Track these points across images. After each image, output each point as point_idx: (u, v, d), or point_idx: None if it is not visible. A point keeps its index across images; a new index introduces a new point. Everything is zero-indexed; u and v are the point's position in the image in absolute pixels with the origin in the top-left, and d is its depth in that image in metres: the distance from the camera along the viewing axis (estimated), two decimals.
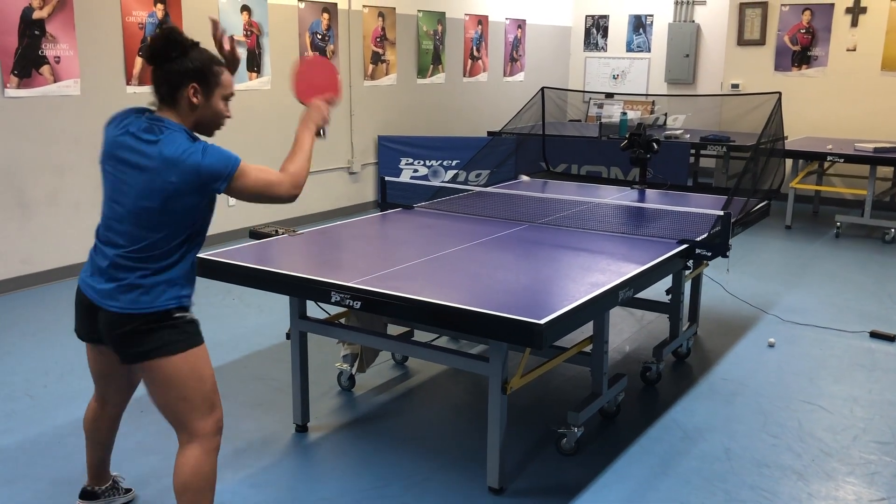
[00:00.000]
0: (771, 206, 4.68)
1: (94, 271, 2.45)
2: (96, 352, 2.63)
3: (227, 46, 2.59)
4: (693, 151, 8.71)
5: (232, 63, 2.60)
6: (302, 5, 7.52)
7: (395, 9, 8.56)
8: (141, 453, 3.33)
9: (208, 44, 2.55)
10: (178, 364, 2.41)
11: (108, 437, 2.85)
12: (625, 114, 8.55)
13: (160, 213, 2.34)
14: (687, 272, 4.33)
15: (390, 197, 4.53)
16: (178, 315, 2.41)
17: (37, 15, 5.49)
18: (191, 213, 2.39)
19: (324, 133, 2.78)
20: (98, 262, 2.44)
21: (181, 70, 2.38)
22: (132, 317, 2.37)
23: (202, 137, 2.46)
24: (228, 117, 2.53)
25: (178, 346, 2.41)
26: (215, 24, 2.60)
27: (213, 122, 2.50)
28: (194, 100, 2.41)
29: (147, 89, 2.56)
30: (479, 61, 10.01)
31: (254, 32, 7.07)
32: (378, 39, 8.42)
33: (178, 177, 2.30)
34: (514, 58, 10.65)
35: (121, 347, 2.43)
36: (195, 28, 6.49)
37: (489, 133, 8.56)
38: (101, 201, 2.48)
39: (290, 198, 2.53)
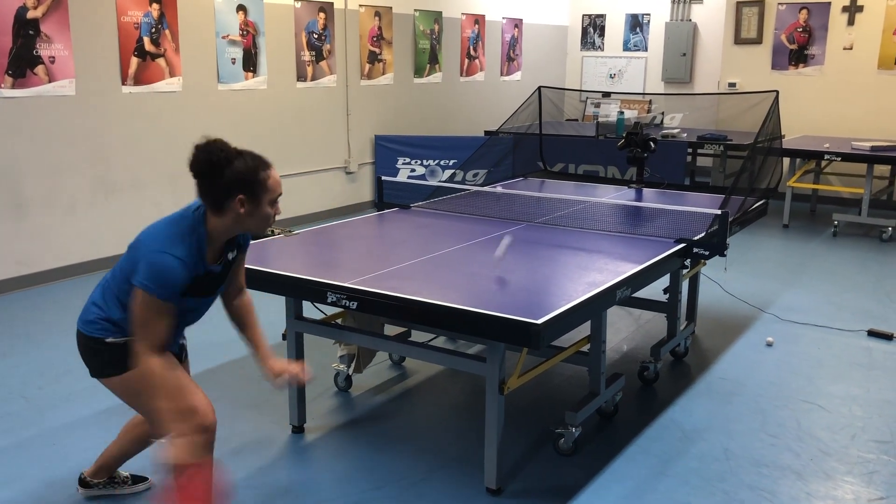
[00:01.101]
0: (768, 205, 4.68)
1: None
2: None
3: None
4: (690, 150, 8.70)
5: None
6: (298, 4, 7.50)
7: (391, 8, 8.55)
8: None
9: (205, 41, 2.52)
10: (123, 383, 2.53)
11: (136, 444, 2.93)
12: (622, 113, 8.55)
13: (122, 263, 2.49)
14: (684, 271, 4.33)
15: (387, 196, 4.52)
16: (108, 341, 2.50)
17: (31, 14, 5.46)
18: (124, 275, 2.46)
19: (165, 428, 2.52)
20: None
21: (226, 184, 2.35)
22: (79, 333, 2.55)
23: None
24: (279, 214, 2.52)
25: (113, 368, 2.51)
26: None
27: (261, 226, 2.48)
28: (241, 210, 2.39)
29: (142, 89, 2.55)
30: (476, 61, 10.00)
31: (250, 32, 7.05)
32: (374, 39, 8.40)
33: (138, 243, 2.43)
34: (510, 57, 10.64)
35: (84, 362, 2.59)
36: (191, 27, 6.50)
37: (486, 132, 8.55)
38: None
39: (135, 350, 2.42)
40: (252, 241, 3.68)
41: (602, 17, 11.61)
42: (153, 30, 6.23)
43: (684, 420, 3.70)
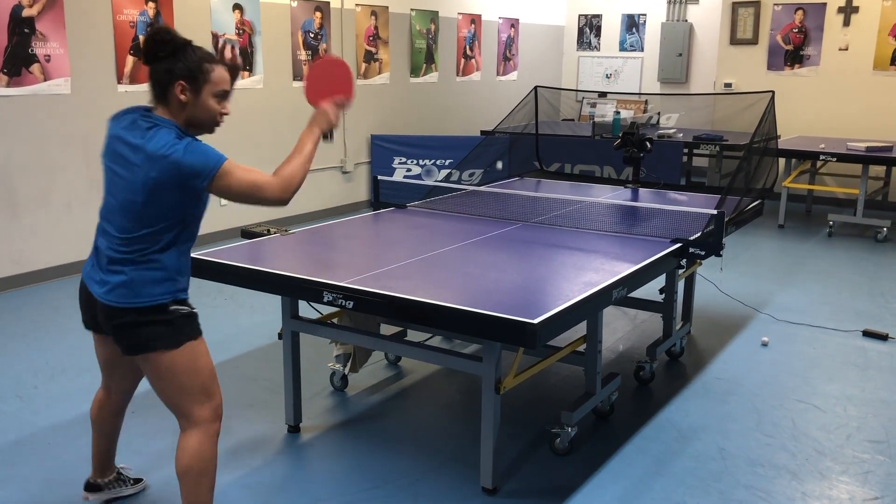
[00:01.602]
0: (764, 206, 4.68)
1: (94, 263, 2.51)
2: (102, 341, 2.67)
3: (227, 55, 2.62)
4: (686, 151, 8.71)
5: (233, 70, 2.60)
6: (294, 4, 7.49)
7: (387, 7, 8.54)
8: (145, 441, 3.30)
9: (202, 40, 2.55)
10: (173, 358, 2.46)
11: (113, 427, 2.88)
12: (618, 113, 8.55)
13: (145, 206, 2.37)
14: (680, 271, 4.33)
15: (383, 196, 4.51)
16: (172, 308, 2.45)
17: (26, 13, 5.45)
18: (176, 208, 2.40)
19: (331, 136, 2.73)
20: (97, 255, 2.51)
21: (168, 68, 2.40)
22: (126, 310, 2.41)
23: (201, 136, 2.48)
24: (225, 114, 2.53)
25: (172, 340, 2.45)
26: (218, 38, 2.62)
27: (207, 120, 2.50)
28: (182, 97, 2.42)
29: (138, 88, 2.56)
30: (473, 60, 10.00)
31: (246, 31, 7.04)
32: (371, 38, 8.40)
33: (158, 172, 2.33)
34: (507, 57, 10.64)
35: (119, 339, 2.48)
36: (187, 25, 6.48)
37: (482, 132, 8.55)
38: (103, 194, 2.53)
39: (279, 201, 2.50)
40: (247, 240, 3.68)
41: (598, 17, 11.62)
42: (149, 28, 6.22)
43: (680, 420, 3.71)
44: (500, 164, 5.53)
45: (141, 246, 2.40)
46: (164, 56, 2.39)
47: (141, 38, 4.07)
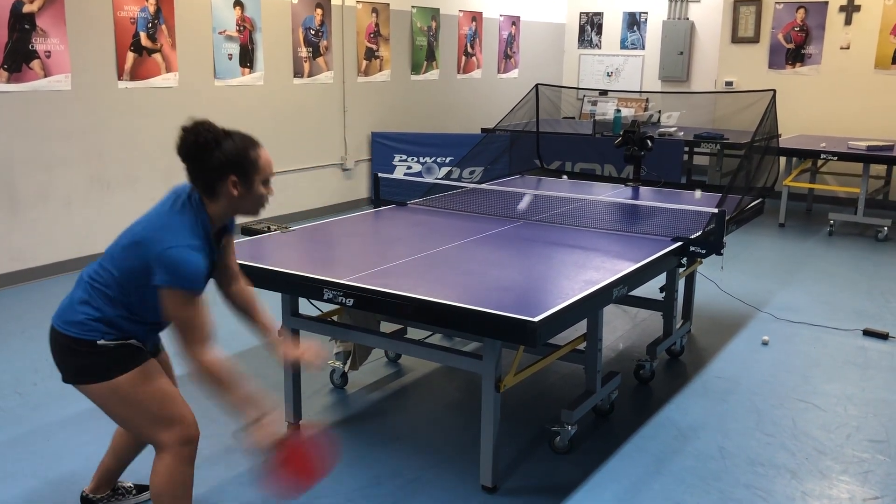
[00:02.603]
0: (765, 204, 4.68)
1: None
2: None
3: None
4: (687, 149, 8.70)
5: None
6: (295, 0, 7.48)
7: (388, 5, 8.53)
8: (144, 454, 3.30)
9: (203, 37, 2.51)
10: (105, 390, 2.38)
11: (128, 453, 2.83)
12: (619, 111, 8.54)
13: (120, 250, 2.35)
14: (681, 270, 4.33)
15: (384, 193, 4.51)
16: (100, 343, 2.36)
17: (27, 9, 5.44)
18: (131, 275, 2.32)
19: (241, 418, 2.38)
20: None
21: (216, 166, 2.29)
22: (60, 335, 2.38)
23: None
24: (272, 194, 2.44)
25: (99, 375, 2.37)
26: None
27: (255, 207, 2.42)
28: (234, 192, 2.33)
29: (138, 84, 2.52)
30: (473, 58, 9.99)
31: (246, 28, 7.03)
32: (372, 35, 8.39)
33: (146, 240, 2.29)
34: (508, 54, 10.63)
35: (57, 364, 2.44)
36: (188, 22, 6.48)
37: (483, 130, 8.54)
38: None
39: (191, 359, 2.31)
40: (247, 238, 3.68)
41: (599, 14, 11.60)
42: (149, 25, 6.21)
43: (680, 418, 3.70)
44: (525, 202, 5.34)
45: (96, 279, 2.37)
46: (208, 153, 2.29)
47: (142, 40, 4.04)
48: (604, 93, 9.79)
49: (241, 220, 2.61)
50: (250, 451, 2.45)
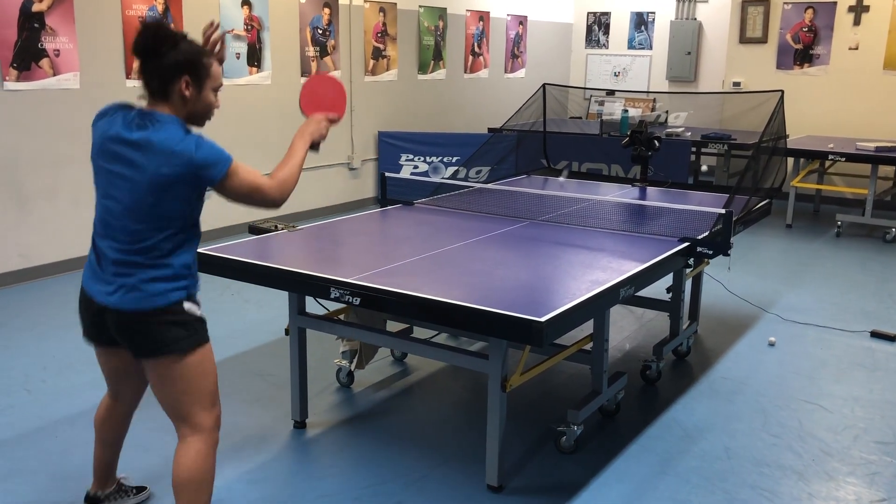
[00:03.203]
0: (772, 205, 4.67)
1: (97, 271, 2.43)
2: (105, 352, 2.61)
3: (217, 49, 2.53)
4: (694, 149, 8.69)
5: (220, 63, 2.57)
6: (303, 0, 7.49)
7: (396, 4, 8.54)
8: (139, 453, 3.31)
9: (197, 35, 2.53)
10: (185, 362, 2.43)
11: (118, 436, 2.84)
12: (626, 111, 8.53)
13: (154, 206, 2.32)
14: (688, 270, 4.32)
15: (390, 193, 4.51)
16: (187, 308, 2.42)
17: (36, 8, 5.46)
18: (184, 205, 2.37)
19: (317, 148, 2.77)
20: (100, 262, 2.42)
21: (172, 63, 2.35)
22: (140, 313, 2.37)
23: (195, 130, 2.44)
24: (217, 107, 2.51)
25: (185, 343, 2.42)
26: (213, 26, 2.57)
27: (204, 114, 2.48)
28: (186, 92, 2.38)
29: None
30: (481, 57, 9.99)
31: (254, 27, 7.05)
32: (379, 35, 8.39)
33: (171, 168, 2.29)
34: (515, 54, 10.62)
35: (132, 344, 2.44)
36: (196, 21, 6.49)
37: (490, 129, 8.54)
38: (94, 197, 2.45)
39: (276, 204, 2.53)
40: (254, 236, 3.69)
41: (607, 14, 11.59)
42: (143, 24, 6.21)
43: (686, 419, 3.70)
44: (564, 175, 5.37)
45: (152, 247, 2.35)
46: (165, 51, 2.34)
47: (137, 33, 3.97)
48: (611, 93, 9.77)
49: (247, 218, 2.63)
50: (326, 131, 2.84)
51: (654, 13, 11.23)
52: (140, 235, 2.35)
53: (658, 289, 4.34)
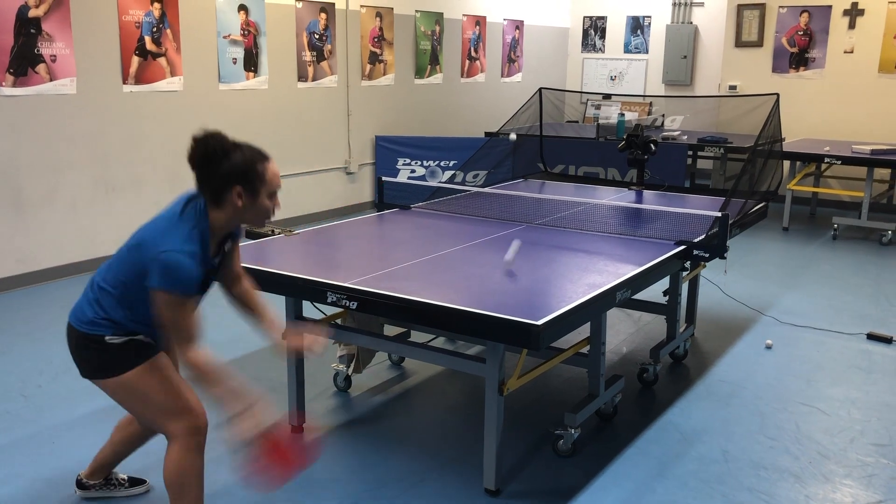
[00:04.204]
0: (768, 208, 4.68)
1: None
2: None
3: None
4: (690, 153, 8.70)
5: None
6: (299, 5, 7.50)
7: (392, 9, 8.55)
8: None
9: (207, 41, 2.53)
10: (116, 384, 2.51)
11: (127, 447, 2.91)
12: (622, 115, 8.55)
13: (126, 251, 2.45)
14: (684, 273, 4.33)
15: (387, 197, 4.52)
16: (108, 339, 2.48)
17: (33, 13, 5.47)
18: (130, 274, 2.41)
19: (225, 411, 2.44)
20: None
21: (224, 174, 2.34)
22: (74, 330, 2.53)
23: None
24: (279, 208, 2.51)
25: (111, 369, 2.50)
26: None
27: (260, 218, 2.47)
28: (239, 202, 2.38)
29: (143, 88, 2.55)
30: (477, 62, 10.00)
31: (251, 32, 7.05)
32: (376, 39, 8.40)
33: (146, 242, 2.38)
34: (511, 58, 10.64)
35: (73, 360, 2.58)
36: (192, 26, 6.50)
37: (486, 134, 8.55)
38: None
39: (181, 354, 2.39)
40: (252, 241, 3.69)
41: (603, 19, 11.61)
42: (154, 29, 6.24)
43: (683, 422, 3.70)
44: (513, 136, 5.48)
45: (103, 279, 2.48)
46: (217, 162, 2.34)
47: (147, 45, 4.03)
48: (607, 97, 9.80)
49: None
50: (234, 442, 2.52)
51: (650, 17, 11.26)
52: (109, 265, 2.50)
53: (655, 292, 4.35)
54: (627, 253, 3.52)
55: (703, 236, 3.70)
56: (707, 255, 3.63)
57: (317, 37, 7.73)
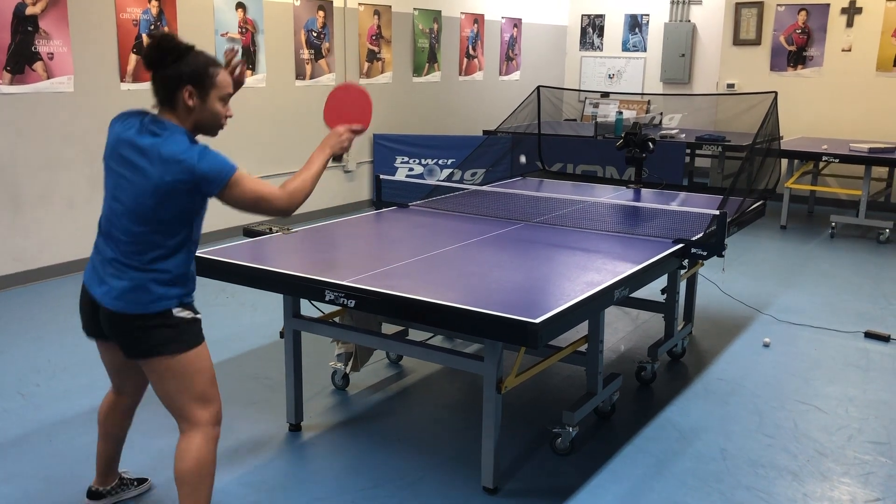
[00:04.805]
0: (766, 206, 4.68)
1: (97, 269, 2.50)
2: (106, 347, 2.66)
3: (237, 70, 2.69)
4: (688, 151, 8.70)
5: (237, 86, 2.70)
6: (297, 3, 7.50)
7: (390, 7, 8.54)
8: (149, 439, 3.31)
9: (205, 39, 2.56)
10: (176, 363, 2.47)
11: (121, 431, 2.89)
12: (620, 113, 8.55)
13: (155, 210, 2.38)
14: (682, 272, 4.33)
15: (385, 195, 4.52)
16: (178, 314, 2.46)
17: (30, 11, 5.45)
18: (186, 212, 2.42)
19: (341, 158, 2.85)
20: (99, 260, 2.49)
21: (176, 74, 2.41)
22: (132, 316, 2.42)
23: (205, 139, 2.49)
24: (229, 116, 2.57)
25: (176, 346, 2.47)
26: (232, 51, 2.69)
27: (212, 123, 2.53)
28: (190, 102, 2.44)
29: (141, 86, 2.57)
30: (475, 60, 10.00)
31: (249, 30, 7.04)
32: (373, 37, 8.40)
33: (173, 176, 2.35)
34: (509, 57, 10.64)
35: (123, 344, 2.50)
36: (190, 24, 6.49)
37: (485, 132, 8.54)
38: (103, 197, 2.53)
39: (283, 213, 2.59)
40: (249, 239, 3.68)
41: (601, 17, 11.61)
42: (152, 27, 6.22)
43: (681, 420, 3.71)
44: (523, 158, 5.51)
45: (149, 250, 2.41)
46: (170, 62, 2.41)
47: (144, 41, 4.03)
48: (605, 95, 9.79)
49: (242, 221, 2.64)
50: (349, 143, 2.91)
51: (648, 15, 11.26)
52: (138, 238, 2.41)
53: (653, 290, 4.35)
54: (625, 251, 3.53)
55: (700, 234, 3.71)
56: (705, 254, 3.63)
57: (315, 35, 7.72)
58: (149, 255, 2.41)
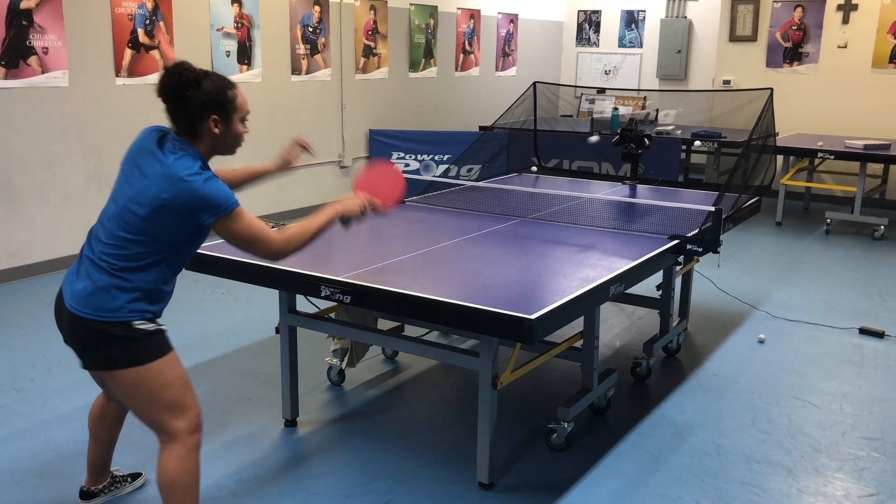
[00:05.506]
0: (761, 203, 4.69)
1: (75, 269, 2.46)
2: None
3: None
4: (684, 147, 8.71)
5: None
6: None
7: (387, 2, 8.53)
8: (127, 448, 3.30)
9: (200, 34, 2.54)
10: (139, 376, 2.39)
11: (112, 435, 2.85)
12: (616, 109, 8.55)
13: (142, 220, 2.33)
14: (678, 268, 4.34)
15: None
16: (138, 326, 2.38)
17: (24, 5, 5.43)
18: (172, 233, 2.37)
19: (348, 224, 2.79)
20: (77, 262, 2.47)
21: (199, 104, 2.36)
22: (86, 321, 2.36)
23: (218, 160, 2.48)
24: (247, 133, 2.54)
25: (137, 359, 2.38)
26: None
27: (233, 145, 2.50)
28: (216, 130, 2.40)
29: (136, 81, 2.54)
30: (471, 56, 9.99)
31: (244, 24, 7.03)
32: (370, 32, 8.38)
33: (170, 194, 2.30)
34: (506, 52, 10.63)
35: (81, 352, 2.44)
36: (186, 18, 6.47)
37: (481, 128, 8.54)
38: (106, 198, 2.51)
39: (274, 256, 2.53)
40: None
41: (597, 13, 11.61)
42: (147, 21, 6.20)
43: (676, 416, 3.71)
44: (595, 138, 5.42)
45: (124, 259, 2.35)
46: (190, 93, 2.34)
47: (140, 36, 4.03)
48: (602, 91, 9.80)
49: None
50: (363, 213, 2.79)
51: (644, 11, 11.26)
52: (118, 242, 2.36)
53: (648, 286, 4.36)
54: (621, 247, 3.53)
55: (696, 231, 3.71)
56: (700, 250, 3.64)
57: (311, 30, 7.71)
58: (121, 262, 2.35)
